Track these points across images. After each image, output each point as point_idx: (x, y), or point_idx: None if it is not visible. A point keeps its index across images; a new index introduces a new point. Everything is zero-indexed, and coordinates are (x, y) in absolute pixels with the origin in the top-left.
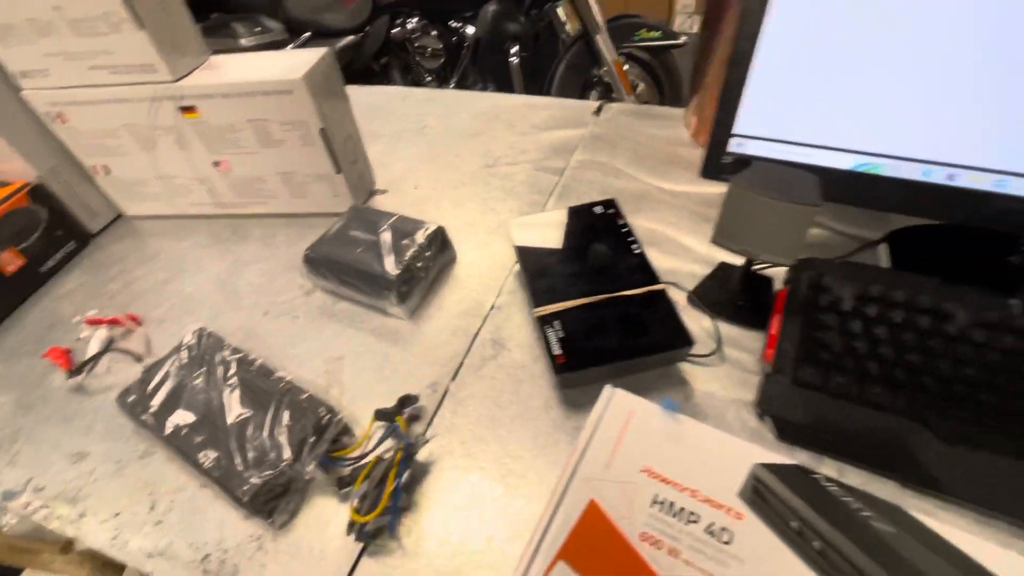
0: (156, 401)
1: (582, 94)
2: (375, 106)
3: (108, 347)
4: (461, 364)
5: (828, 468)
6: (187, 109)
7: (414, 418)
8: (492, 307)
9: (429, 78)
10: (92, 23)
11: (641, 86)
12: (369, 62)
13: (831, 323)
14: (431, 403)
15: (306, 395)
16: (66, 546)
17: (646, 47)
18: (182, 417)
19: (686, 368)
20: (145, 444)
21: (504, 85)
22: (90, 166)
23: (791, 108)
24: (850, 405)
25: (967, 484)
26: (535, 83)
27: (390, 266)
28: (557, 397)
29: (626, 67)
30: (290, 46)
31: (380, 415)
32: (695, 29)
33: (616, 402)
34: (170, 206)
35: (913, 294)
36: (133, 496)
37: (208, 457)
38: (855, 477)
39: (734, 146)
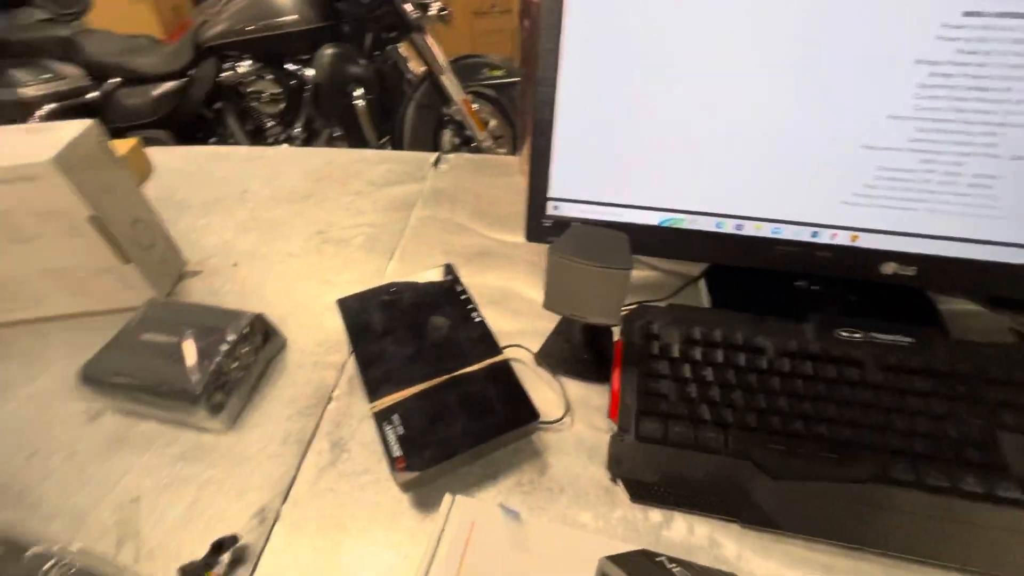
0: None
1: (435, 132)
2: (185, 171)
3: None
4: (294, 480)
5: (680, 522)
6: None
7: (237, 562)
8: (329, 400)
9: (271, 123)
10: None
11: (493, 122)
12: (198, 109)
13: (664, 371)
14: (259, 537)
15: (75, 570)
16: None
17: (492, 85)
18: None
19: (539, 438)
20: None
21: (353, 128)
22: None
23: (599, 171)
24: (690, 454)
25: (795, 516)
26: (386, 123)
27: (194, 375)
28: (408, 500)
29: (475, 105)
30: (92, 93)
31: (185, 575)
32: None
33: (456, 512)
34: None
35: (729, 332)
36: None
37: None
38: (703, 526)
39: (551, 209)
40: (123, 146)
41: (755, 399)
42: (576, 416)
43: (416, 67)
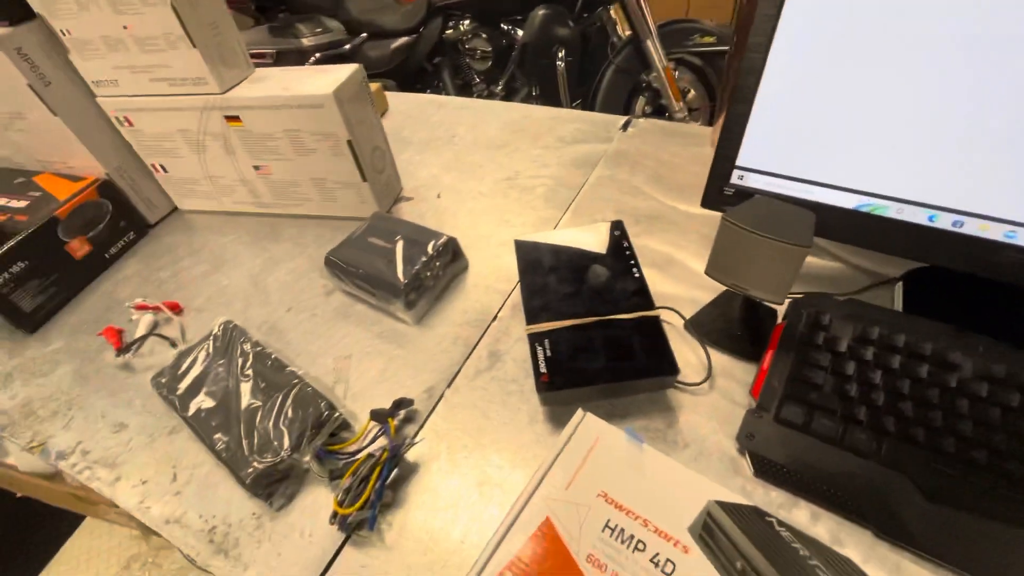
0: (183, 384)
1: (629, 99)
2: (408, 114)
3: (151, 331)
4: (457, 372)
5: (803, 510)
6: (232, 118)
7: (408, 420)
8: (494, 319)
9: (478, 79)
10: (154, 41)
11: (692, 93)
12: (422, 62)
13: (823, 362)
14: (426, 407)
15: (311, 390)
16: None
17: (699, 52)
18: (203, 401)
19: (674, 395)
20: (174, 422)
21: (550, 89)
22: (150, 165)
23: (795, 144)
24: (832, 449)
25: (945, 543)
26: (583, 87)
27: (400, 274)
28: (543, 412)
29: (676, 73)
30: (347, 46)
31: (375, 415)
32: None
33: (585, 426)
34: (217, 203)
35: (917, 340)
36: (159, 467)
37: (221, 440)
38: (828, 521)
39: (736, 178)
40: (372, 88)
41: (929, 416)
42: (716, 385)
43: (623, 30)
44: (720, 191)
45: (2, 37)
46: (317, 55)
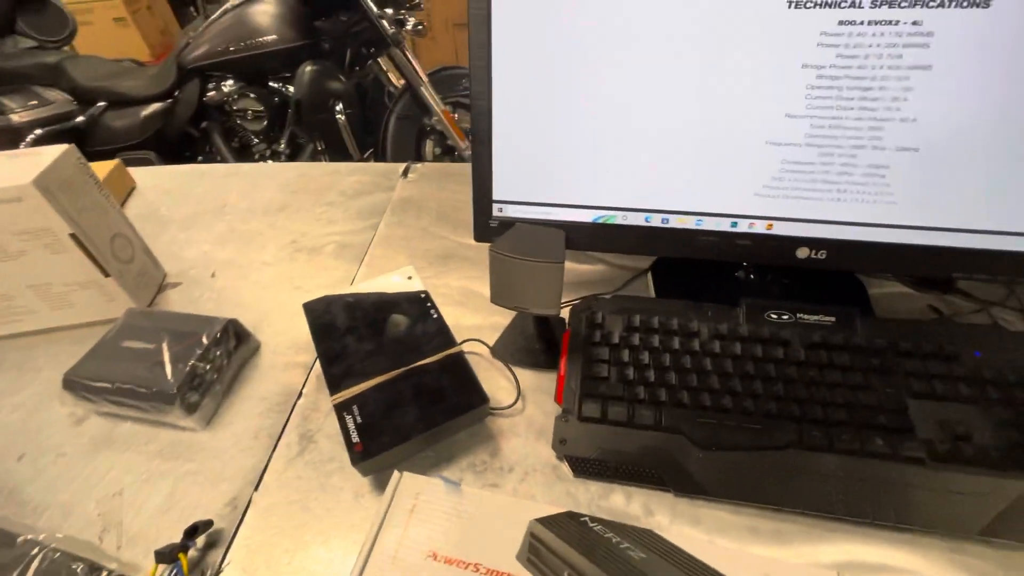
0: None
1: (418, 143)
2: (165, 189)
3: None
4: (264, 470)
5: (619, 494)
6: None
7: (212, 544)
8: (299, 397)
9: (256, 140)
10: None
11: None
12: (184, 128)
13: (605, 356)
14: (232, 522)
15: (59, 555)
16: None
17: None
18: None
19: (492, 423)
20: None
21: (336, 142)
22: None
23: (537, 174)
24: (627, 431)
25: (723, 483)
26: (370, 136)
27: (170, 376)
28: (369, 484)
29: (455, 115)
30: (79, 118)
31: (160, 557)
32: None
33: (403, 487)
34: None
35: (666, 318)
36: None
37: None
38: (639, 496)
39: (496, 211)
40: (105, 167)
41: (687, 379)
42: (527, 402)
43: (396, 80)
44: (487, 225)
45: None
46: (37, 132)
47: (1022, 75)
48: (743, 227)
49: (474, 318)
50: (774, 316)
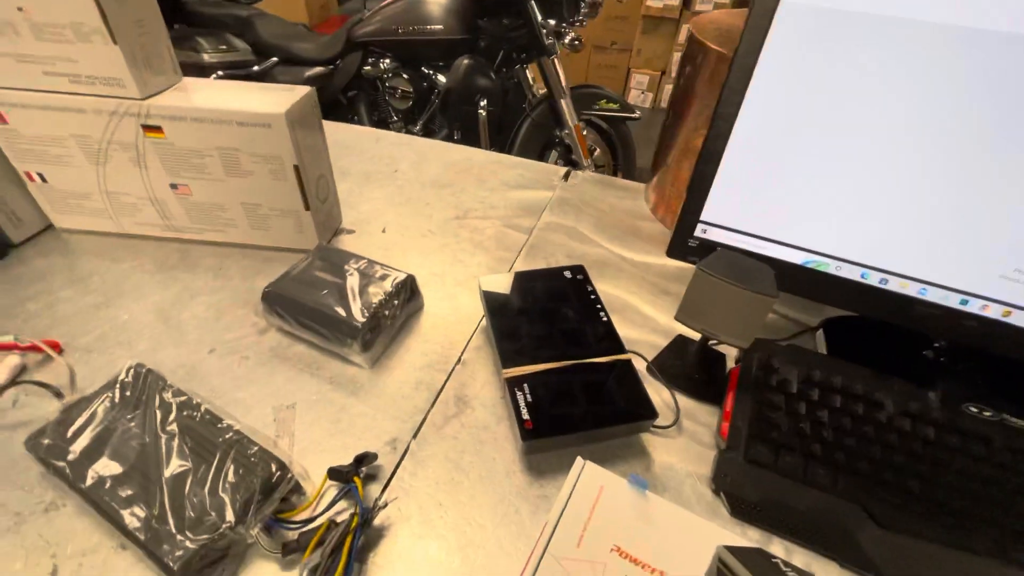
0: (77, 446)
1: (542, 152)
2: (346, 144)
3: (17, 377)
4: (423, 421)
5: (777, 546)
6: (151, 128)
7: (370, 477)
8: (458, 362)
9: (395, 117)
10: (58, 29)
11: (597, 151)
12: (337, 94)
13: (779, 403)
14: (390, 462)
15: (256, 448)
16: None
17: (604, 116)
18: (107, 467)
19: (647, 438)
20: (52, 495)
21: (469, 134)
22: (23, 172)
23: (753, 205)
24: (797, 485)
25: (898, 566)
26: (500, 136)
27: (356, 312)
28: (520, 462)
29: (584, 132)
30: (255, 68)
31: (334, 475)
32: (647, 104)
33: (586, 476)
34: (112, 224)
35: (849, 381)
36: (31, 558)
37: (135, 515)
38: (801, 556)
39: (699, 232)
40: None
41: (870, 449)
42: (683, 427)
43: (538, 88)
44: (685, 242)
45: None
46: (220, 73)
47: None
48: (974, 307)
49: (629, 330)
50: (974, 410)
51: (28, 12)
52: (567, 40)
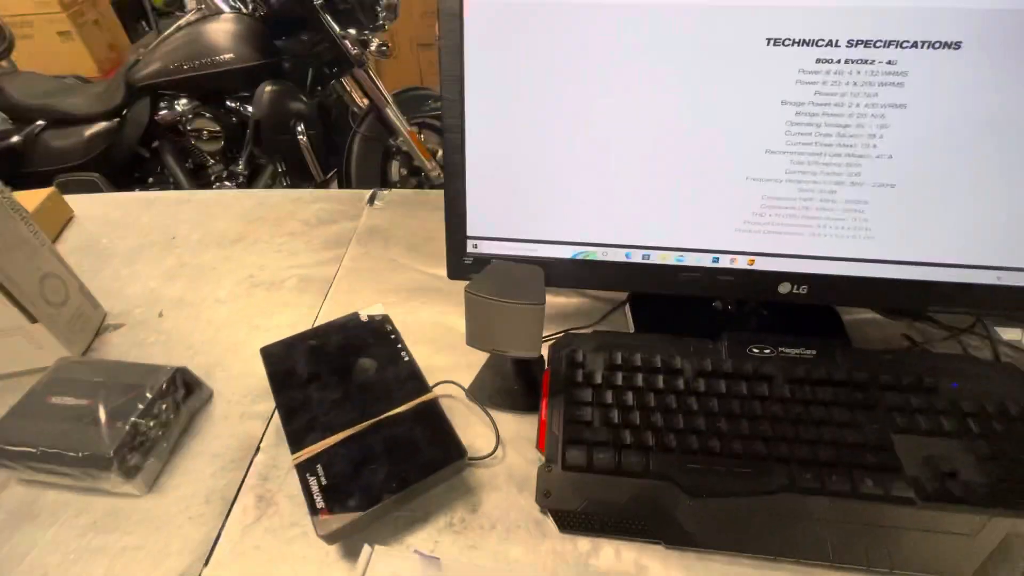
0: None
1: (383, 165)
2: (107, 219)
3: None
4: (216, 540)
5: (608, 548)
6: None
7: None
8: (256, 452)
9: (212, 161)
10: None
11: (440, 152)
12: (134, 148)
13: (587, 398)
14: None
15: None
16: None
17: (438, 115)
18: None
19: (471, 474)
20: None
21: (297, 163)
22: None
23: (512, 210)
24: (613, 479)
25: (715, 533)
26: (333, 157)
27: (106, 436)
28: (336, 550)
29: (421, 136)
30: (15, 138)
31: None
32: None
33: (375, 565)
34: None
35: (649, 355)
36: None
37: None
38: (630, 551)
39: (471, 247)
40: (37, 196)
41: (674, 420)
42: (508, 449)
43: (360, 100)
44: (461, 261)
45: None
46: None
47: (991, 114)
48: (725, 263)
49: (447, 357)
50: (756, 350)
51: None
52: (374, 47)
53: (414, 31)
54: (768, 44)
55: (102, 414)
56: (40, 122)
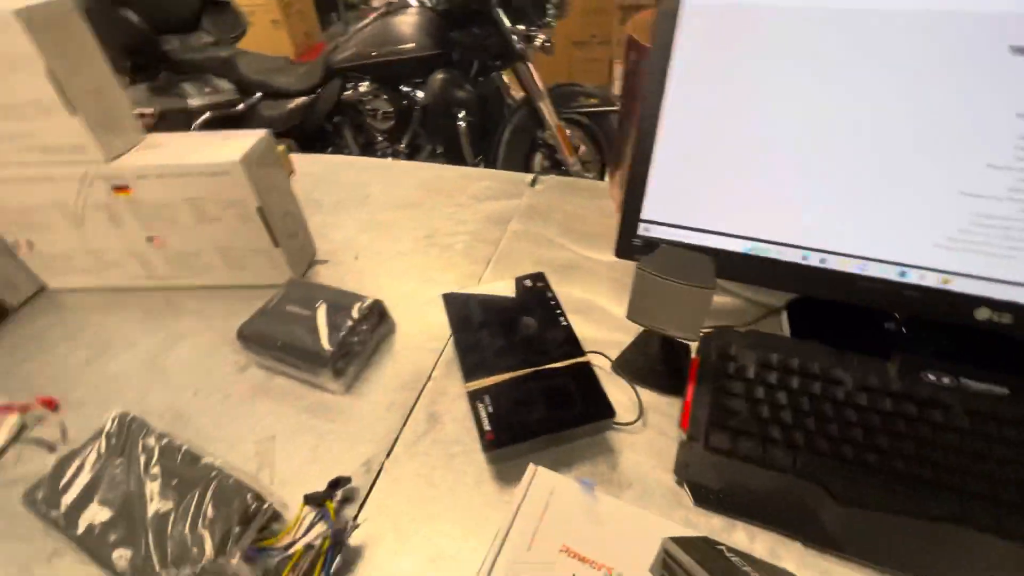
0: (68, 497)
1: (528, 155)
2: (318, 175)
3: (18, 436)
4: (396, 440)
5: (741, 532)
6: (119, 188)
7: (347, 500)
8: (428, 379)
9: (380, 138)
10: (19, 108)
11: (583, 148)
12: (322, 122)
13: (738, 390)
14: (365, 483)
15: (233, 480)
16: None
17: (586, 112)
18: (97, 513)
19: (612, 437)
20: (52, 545)
21: (453, 146)
22: (12, 241)
23: (691, 198)
24: (757, 469)
25: (862, 543)
26: (483, 144)
27: (325, 342)
28: (490, 471)
29: (568, 131)
30: (240, 106)
31: (309, 500)
32: None
33: (538, 481)
34: (99, 279)
35: (807, 361)
36: None
37: (123, 558)
38: (765, 539)
39: (642, 230)
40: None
41: (828, 427)
42: (648, 421)
43: (516, 93)
44: (630, 243)
45: None
46: (206, 115)
47: None
48: (913, 278)
49: (595, 331)
50: (932, 377)
51: None
52: (538, 43)
53: (570, 28)
54: (1012, 53)
55: (322, 324)
56: (258, 94)
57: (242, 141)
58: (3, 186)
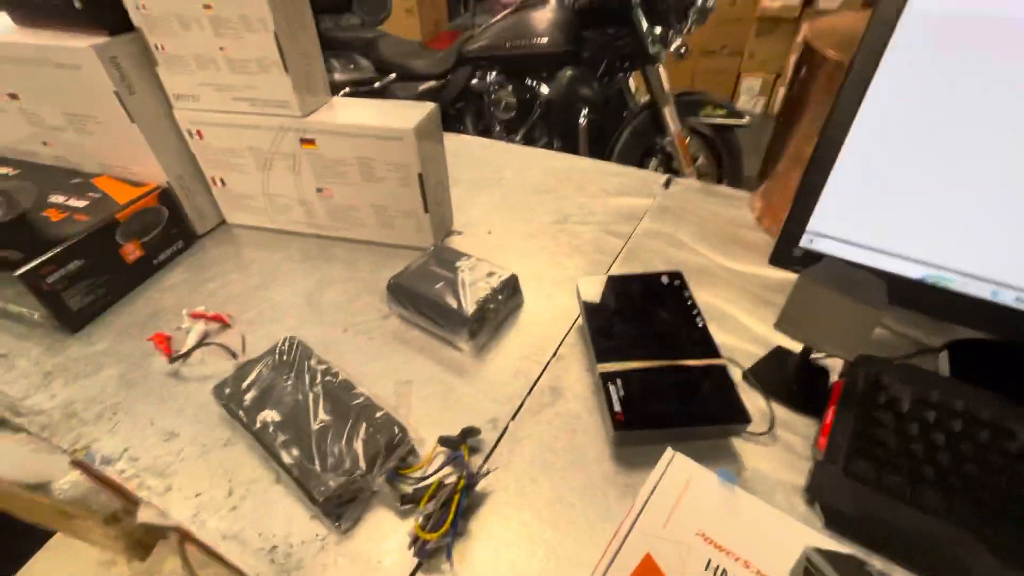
0: (248, 397)
1: (641, 160)
2: (457, 153)
3: (204, 340)
4: (521, 405)
5: (875, 564)
6: (307, 141)
7: (473, 450)
8: (553, 356)
9: (498, 128)
10: (246, 64)
11: (701, 159)
12: (446, 107)
13: (887, 421)
14: (490, 438)
15: (382, 413)
16: (110, 518)
17: (710, 124)
18: (270, 415)
19: (738, 443)
20: (228, 433)
21: (569, 143)
22: (209, 177)
23: (866, 214)
24: (901, 505)
25: None
26: (598, 144)
27: (465, 304)
28: (609, 452)
29: (688, 140)
30: (376, 84)
31: (444, 442)
32: (758, 109)
33: (675, 466)
34: (268, 220)
35: (974, 406)
36: (214, 480)
37: (291, 455)
38: None
39: (805, 241)
40: None
41: (994, 479)
42: (776, 436)
43: (640, 96)
44: (789, 252)
45: (100, 46)
46: (347, 89)
47: None
48: None
49: (726, 338)
50: None
51: (227, 51)
52: (673, 47)
53: (700, 37)
54: None
55: (463, 288)
56: (393, 75)
57: (415, 111)
58: (216, 129)
